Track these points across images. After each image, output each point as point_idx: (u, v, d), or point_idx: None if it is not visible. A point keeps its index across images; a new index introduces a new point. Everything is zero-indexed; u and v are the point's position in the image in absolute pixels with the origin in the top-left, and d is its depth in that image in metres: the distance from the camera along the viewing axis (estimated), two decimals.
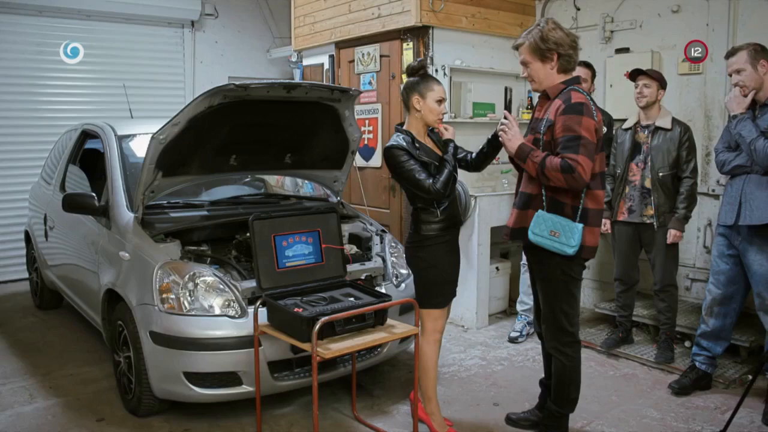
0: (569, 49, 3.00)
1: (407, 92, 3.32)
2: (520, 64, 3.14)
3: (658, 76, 4.42)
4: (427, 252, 3.29)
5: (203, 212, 4.14)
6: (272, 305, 3.18)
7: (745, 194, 3.66)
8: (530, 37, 3.02)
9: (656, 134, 4.40)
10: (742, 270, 3.82)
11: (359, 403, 3.86)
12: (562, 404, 3.25)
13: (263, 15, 8.64)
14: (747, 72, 3.61)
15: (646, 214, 4.43)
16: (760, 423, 3.65)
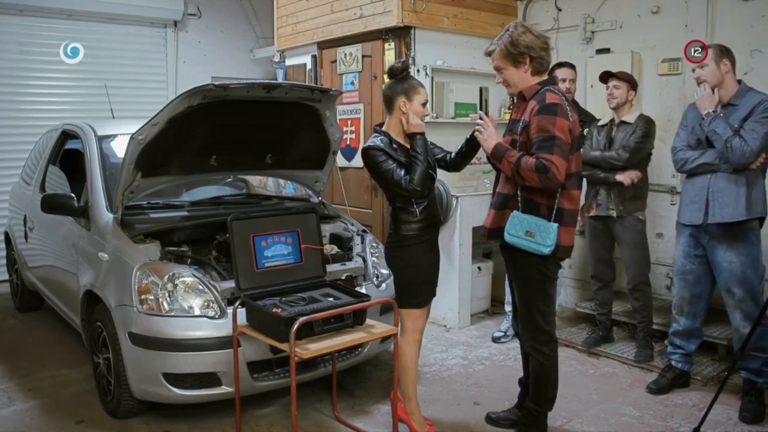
0: (541, 51, 3.02)
1: (391, 94, 3.31)
2: (494, 69, 3.15)
3: (627, 78, 4.50)
4: (407, 252, 3.30)
5: (183, 213, 4.13)
6: (251, 306, 3.18)
7: (713, 192, 3.70)
8: (501, 43, 3.04)
9: (620, 128, 4.50)
10: (709, 269, 3.87)
11: (340, 403, 3.86)
12: (540, 403, 3.27)
13: (246, 15, 8.63)
14: (710, 67, 3.70)
15: (611, 207, 4.49)
16: (737, 420, 3.69)
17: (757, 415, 3.68)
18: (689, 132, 3.88)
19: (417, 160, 3.21)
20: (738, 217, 3.64)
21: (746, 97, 3.67)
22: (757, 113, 3.58)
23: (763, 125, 3.53)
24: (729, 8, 4.79)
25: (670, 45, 5.09)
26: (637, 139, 4.37)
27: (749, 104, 3.63)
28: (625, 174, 4.38)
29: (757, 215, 3.68)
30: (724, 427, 3.64)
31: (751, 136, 3.54)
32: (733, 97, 3.70)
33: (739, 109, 3.65)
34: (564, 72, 4.72)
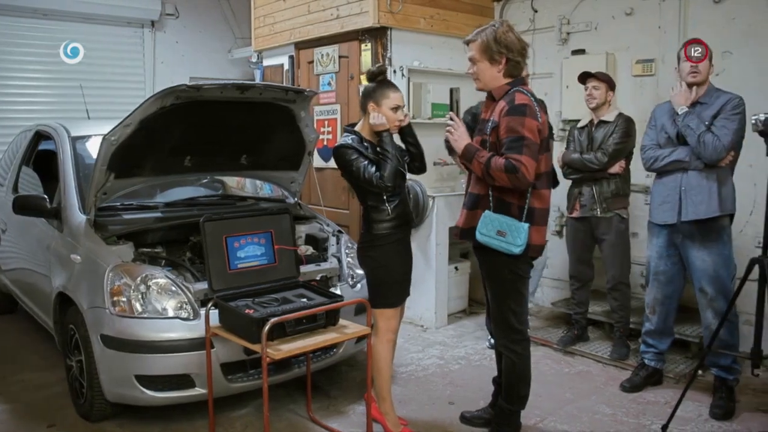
0: (518, 55, 3.03)
1: (364, 98, 3.33)
2: (468, 59, 3.14)
3: (606, 78, 4.53)
4: (379, 251, 3.31)
5: (157, 214, 4.10)
6: (223, 307, 3.17)
7: (685, 191, 3.74)
8: (483, 36, 3.04)
9: (599, 127, 4.53)
10: (681, 269, 3.92)
11: (316, 403, 3.86)
12: (513, 401, 3.29)
13: (224, 15, 8.60)
14: (705, 63, 3.74)
15: (595, 207, 4.52)
16: (707, 416, 3.74)
17: (728, 411, 3.73)
18: (658, 131, 3.93)
19: (386, 156, 3.22)
20: (712, 213, 3.68)
21: (715, 96, 3.73)
22: (726, 111, 3.64)
23: (733, 122, 3.58)
24: (701, 10, 4.85)
25: (644, 46, 5.14)
26: (617, 140, 4.40)
27: (719, 102, 3.68)
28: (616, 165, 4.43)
29: (728, 212, 3.74)
30: (695, 423, 3.68)
31: (722, 132, 3.59)
32: (702, 96, 3.76)
33: (709, 108, 3.71)
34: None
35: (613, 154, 4.38)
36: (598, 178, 4.48)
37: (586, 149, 4.54)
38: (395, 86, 3.38)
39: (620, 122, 4.45)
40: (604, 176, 4.46)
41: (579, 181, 4.59)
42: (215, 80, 3.97)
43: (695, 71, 3.72)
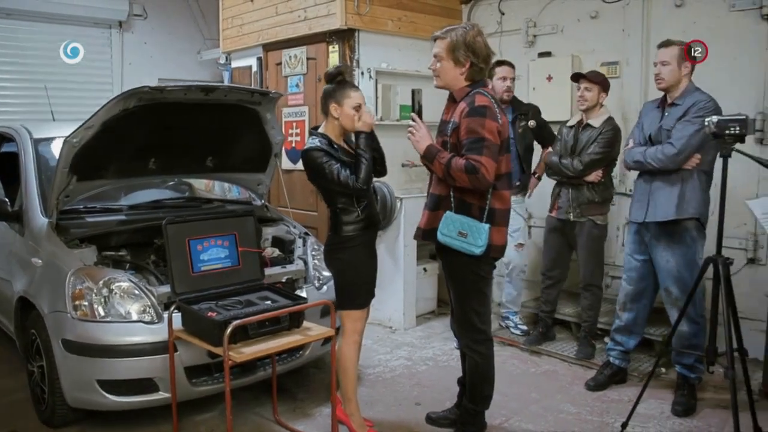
0: (482, 62, 3.05)
1: (324, 100, 3.32)
2: (432, 55, 3.14)
3: (599, 79, 4.45)
4: (347, 253, 3.30)
5: (121, 217, 4.07)
6: (186, 310, 3.15)
7: (651, 192, 3.80)
8: (453, 35, 3.04)
9: (584, 131, 4.50)
10: (653, 267, 3.95)
11: (283, 406, 3.85)
12: (477, 401, 3.31)
13: (193, 16, 8.53)
14: (670, 67, 3.75)
15: (569, 210, 4.53)
16: (669, 413, 3.80)
17: (689, 408, 3.79)
18: (640, 129, 3.96)
19: (363, 158, 3.20)
20: (667, 217, 3.73)
21: (689, 96, 3.74)
22: (690, 113, 3.66)
23: (693, 125, 3.59)
24: (663, 14, 4.93)
25: (609, 49, 5.21)
26: (596, 150, 4.36)
27: (688, 103, 3.71)
28: (593, 174, 4.42)
29: (689, 215, 3.74)
30: (658, 420, 3.74)
31: (677, 135, 3.64)
32: (677, 97, 3.78)
33: (679, 108, 3.74)
34: (504, 70, 4.78)
35: (589, 164, 4.35)
36: (576, 184, 4.47)
37: (569, 150, 4.52)
38: (355, 86, 3.39)
39: (605, 130, 4.38)
40: (582, 182, 4.45)
41: (560, 182, 4.61)
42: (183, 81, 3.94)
43: (658, 78, 3.77)
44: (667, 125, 3.73)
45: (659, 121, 3.81)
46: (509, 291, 5.06)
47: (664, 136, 3.74)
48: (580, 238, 4.54)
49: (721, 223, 3.12)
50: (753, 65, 4.50)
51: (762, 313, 4.31)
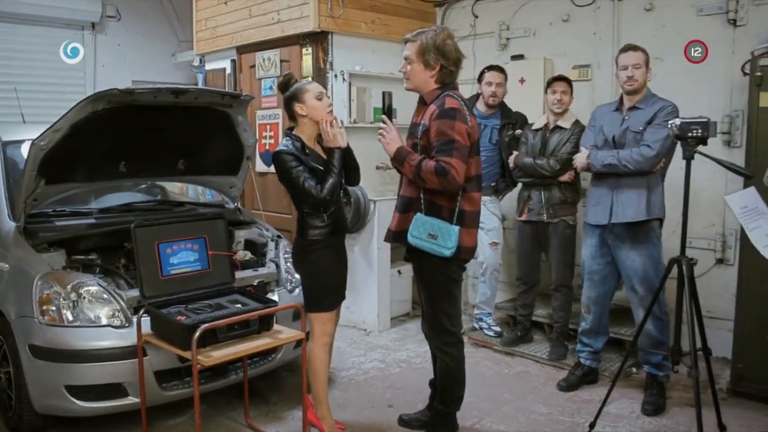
0: (452, 65, 3.07)
1: (287, 106, 3.32)
2: (403, 57, 3.16)
3: (570, 84, 4.56)
4: (314, 256, 3.29)
5: (90, 220, 4.02)
6: (154, 314, 3.13)
7: (616, 194, 3.84)
8: (423, 38, 3.06)
9: (554, 133, 4.54)
10: (614, 269, 4.01)
11: (255, 410, 3.83)
12: (448, 403, 3.32)
13: (168, 18, 8.48)
14: (642, 70, 3.82)
15: (542, 211, 4.57)
16: (639, 413, 3.84)
17: (658, 407, 3.83)
18: (596, 132, 4.01)
19: (332, 172, 3.19)
20: (639, 218, 3.78)
21: (651, 101, 3.83)
22: (659, 118, 3.72)
23: (664, 128, 3.64)
24: (633, 18, 4.99)
25: (580, 52, 5.26)
26: (570, 149, 4.39)
27: (653, 109, 3.78)
28: (566, 174, 4.47)
29: (656, 216, 3.84)
30: (628, 420, 3.77)
31: (654, 138, 3.69)
32: (639, 101, 3.85)
33: (643, 112, 3.81)
34: (491, 75, 4.83)
35: (566, 163, 4.39)
36: (548, 184, 4.52)
37: (538, 153, 4.56)
38: (309, 81, 3.40)
39: (576, 131, 4.44)
40: (554, 183, 4.49)
41: (529, 185, 4.64)
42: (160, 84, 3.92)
43: (632, 80, 3.81)
44: (635, 127, 3.78)
45: (621, 124, 3.87)
46: (483, 291, 5.08)
47: (630, 138, 3.80)
48: (553, 239, 4.57)
49: (685, 225, 3.17)
50: (720, 69, 4.56)
51: (731, 312, 4.36)
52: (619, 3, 5.04)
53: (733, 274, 4.47)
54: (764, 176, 3.64)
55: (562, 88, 4.50)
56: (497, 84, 4.84)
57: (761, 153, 3.80)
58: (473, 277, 5.43)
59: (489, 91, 4.86)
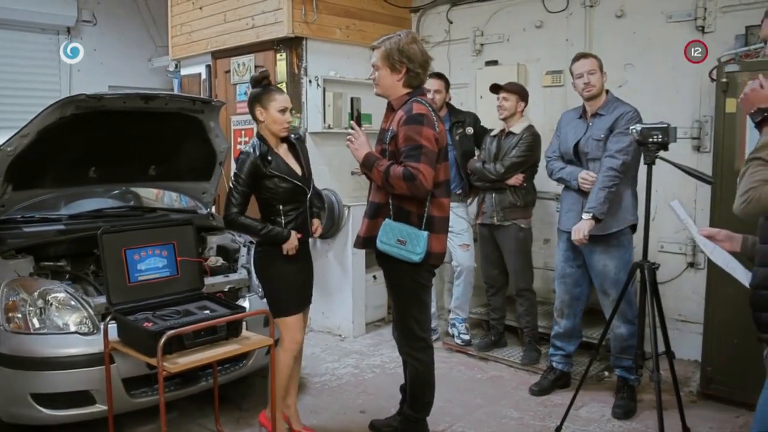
0: (419, 67, 3.09)
1: (250, 104, 3.31)
2: (371, 65, 3.20)
3: (517, 90, 4.60)
4: (275, 262, 3.29)
5: (60, 226, 3.98)
6: (121, 320, 3.11)
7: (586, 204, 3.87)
8: (387, 44, 3.10)
9: (506, 138, 4.61)
10: (586, 272, 4.04)
11: (226, 416, 3.81)
12: (418, 409, 3.32)
13: (144, 23, 8.43)
14: (597, 75, 3.88)
15: (493, 215, 4.62)
16: (610, 416, 3.86)
17: (628, 410, 3.85)
18: (562, 140, 4.05)
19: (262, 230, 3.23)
20: (608, 230, 3.82)
21: (612, 107, 3.87)
22: (620, 125, 3.76)
23: (627, 135, 3.68)
24: (605, 24, 5.04)
25: (553, 58, 5.30)
26: (517, 154, 4.47)
27: (614, 115, 3.82)
28: (513, 178, 4.52)
29: (627, 224, 3.87)
30: (598, 423, 3.79)
31: (616, 147, 3.72)
32: (600, 107, 3.89)
33: (604, 119, 3.85)
34: (430, 83, 4.85)
35: (510, 167, 4.47)
36: (499, 188, 4.58)
37: (493, 158, 4.63)
38: (281, 90, 3.39)
39: (525, 136, 4.52)
40: (504, 186, 4.56)
41: (483, 188, 4.71)
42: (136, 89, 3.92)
43: (589, 86, 3.86)
44: (597, 135, 3.84)
45: (585, 132, 3.90)
46: (457, 296, 5.09)
47: (592, 146, 3.85)
48: (507, 243, 4.63)
49: (647, 229, 3.20)
50: (690, 74, 4.62)
51: (701, 316, 4.40)
52: (591, 10, 5.09)
53: (703, 277, 4.52)
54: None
55: (502, 95, 4.58)
56: (435, 90, 4.88)
57: (727, 158, 3.84)
58: (450, 282, 5.44)
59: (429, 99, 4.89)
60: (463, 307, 5.12)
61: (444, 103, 5.00)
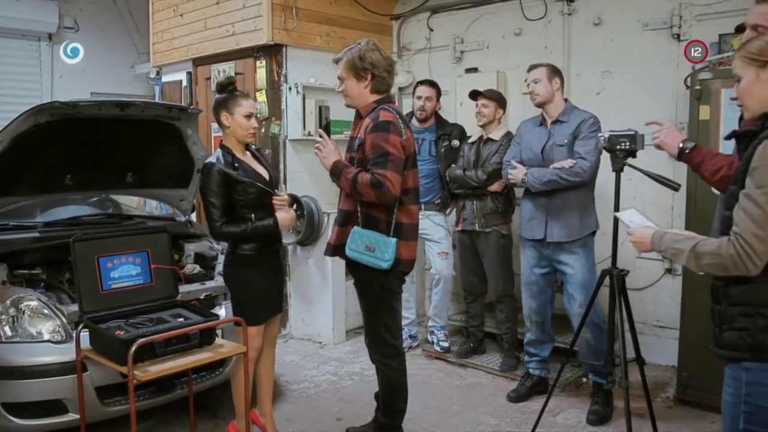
0: (384, 71, 3.11)
1: (216, 109, 3.30)
2: (337, 78, 3.22)
3: (495, 97, 4.63)
4: (243, 270, 3.29)
5: (34, 234, 3.96)
6: (93, 328, 3.08)
7: (550, 213, 3.92)
8: (349, 54, 3.13)
9: (485, 145, 4.64)
10: (551, 278, 4.10)
11: (203, 424, 3.81)
12: (391, 416, 3.33)
13: (127, 29, 8.40)
14: (542, 83, 3.93)
15: (474, 221, 4.64)
16: (585, 422, 3.87)
17: (603, 416, 3.86)
18: (522, 147, 4.10)
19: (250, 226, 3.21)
20: (573, 237, 3.88)
21: (573, 114, 3.94)
22: (584, 131, 3.83)
23: (591, 139, 3.76)
24: (582, 32, 5.08)
25: None
26: (498, 159, 4.48)
27: (576, 121, 3.89)
28: (495, 184, 4.53)
29: (590, 230, 3.95)
30: (574, 429, 3.81)
31: (585, 149, 3.78)
32: (561, 114, 3.95)
33: (567, 125, 3.91)
34: (421, 90, 4.91)
35: (492, 173, 4.49)
36: (480, 195, 4.60)
37: (472, 165, 4.64)
38: (247, 95, 3.39)
39: (504, 142, 4.54)
40: (485, 193, 4.58)
41: (463, 196, 4.72)
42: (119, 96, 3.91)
43: (534, 94, 3.96)
44: (560, 141, 3.89)
45: (547, 139, 3.94)
46: (435, 304, 5.10)
47: (557, 152, 3.89)
48: (487, 250, 4.64)
49: (616, 237, 3.22)
50: (666, 81, 4.66)
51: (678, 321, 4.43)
52: (569, 17, 5.12)
53: (680, 283, 4.55)
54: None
55: (481, 101, 4.61)
56: (426, 98, 4.93)
57: None
58: (430, 288, 5.45)
59: (418, 105, 4.98)
60: (441, 314, 5.12)
61: (434, 111, 5.02)
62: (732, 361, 2.00)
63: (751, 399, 1.93)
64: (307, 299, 5.43)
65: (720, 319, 2.02)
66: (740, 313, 1.95)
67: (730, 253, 1.88)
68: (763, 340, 1.91)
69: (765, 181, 1.84)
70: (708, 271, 1.99)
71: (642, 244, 2.24)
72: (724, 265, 1.92)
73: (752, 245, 1.85)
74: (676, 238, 2.10)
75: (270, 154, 5.41)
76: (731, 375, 2.01)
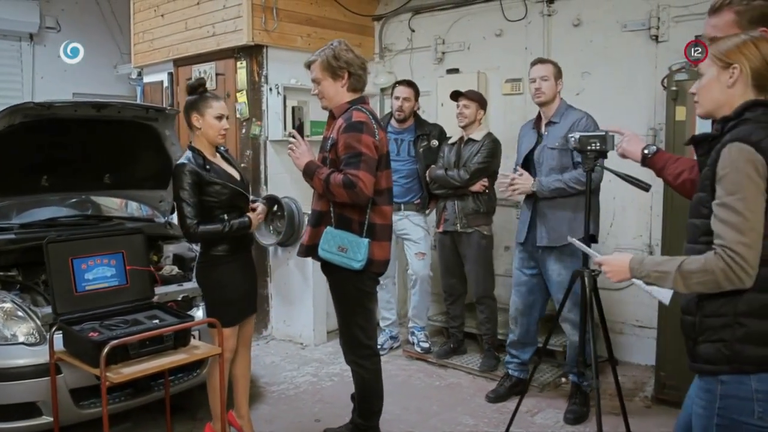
0: (359, 69, 3.12)
1: (186, 111, 3.28)
2: (311, 81, 3.22)
3: (476, 97, 4.63)
4: (216, 272, 3.28)
5: (10, 236, 3.93)
6: (66, 331, 3.07)
7: (540, 217, 3.91)
8: (323, 55, 3.13)
9: (467, 145, 4.64)
10: (541, 280, 4.06)
11: (180, 426, 3.79)
12: (366, 417, 3.33)
13: (110, 30, 8.36)
14: (550, 82, 3.89)
15: (456, 222, 4.64)
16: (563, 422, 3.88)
17: (580, 416, 3.88)
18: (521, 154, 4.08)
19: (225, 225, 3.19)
20: (561, 242, 3.82)
21: (566, 114, 3.90)
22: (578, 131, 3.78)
23: None
24: (562, 33, 5.10)
25: (513, 66, 5.34)
26: (480, 160, 4.52)
27: (569, 121, 3.85)
28: (477, 184, 4.55)
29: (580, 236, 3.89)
30: (552, 429, 3.82)
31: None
32: (554, 115, 3.93)
33: (559, 126, 3.88)
34: (399, 90, 4.92)
35: (475, 173, 4.50)
36: (461, 195, 4.60)
37: (452, 165, 4.65)
38: (217, 96, 3.38)
39: (486, 142, 4.56)
40: (467, 193, 4.58)
41: (444, 196, 4.71)
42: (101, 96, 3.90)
43: (539, 92, 3.89)
44: (551, 144, 3.86)
45: (538, 141, 3.95)
46: (414, 305, 5.10)
47: (547, 155, 3.87)
48: (469, 250, 4.64)
49: (587, 234, 3.23)
50: (645, 83, 4.69)
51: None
52: (549, 18, 5.15)
53: None
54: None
55: (463, 102, 4.60)
56: (404, 98, 4.93)
57: None
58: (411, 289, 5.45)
59: (396, 105, 4.98)
60: (420, 315, 5.12)
61: (412, 111, 5.02)
62: (708, 374, 1.90)
63: (725, 412, 1.84)
64: (288, 300, 5.42)
65: (695, 331, 1.93)
66: (719, 324, 1.86)
67: (720, 267, 1.77)
68: (741, 350, 1.81)
69: (736, 187, 1.77)
70: (699, 290, 1.86)
71: (618, 273, 2.04)
72: (716, 281, 1.79)
73: (741, 254, 1.74)
74: (658, 260, 1.96)
75: (251, 155, 5.40)
76: (705, 388, 1.91)
